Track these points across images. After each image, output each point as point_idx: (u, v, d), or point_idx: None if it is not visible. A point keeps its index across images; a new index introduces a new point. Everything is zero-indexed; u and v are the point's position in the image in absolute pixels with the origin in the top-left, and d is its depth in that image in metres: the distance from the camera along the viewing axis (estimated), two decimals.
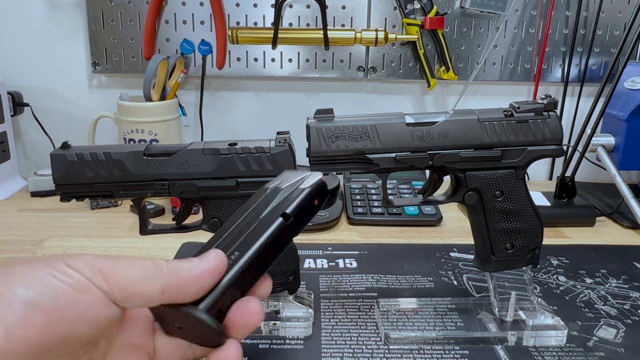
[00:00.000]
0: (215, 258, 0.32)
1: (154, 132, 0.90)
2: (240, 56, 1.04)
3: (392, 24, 1.02)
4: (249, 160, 0.52)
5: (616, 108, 0.92)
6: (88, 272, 0.28)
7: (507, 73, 1.06)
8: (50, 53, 1.04)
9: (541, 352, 0.53)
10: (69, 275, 0.28)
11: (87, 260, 0.29)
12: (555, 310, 0.61)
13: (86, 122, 0.95)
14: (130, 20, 1.01)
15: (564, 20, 1.03)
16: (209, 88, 1.08)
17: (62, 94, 1.07)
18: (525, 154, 0.53)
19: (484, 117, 0.53)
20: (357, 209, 0.87)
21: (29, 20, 1.03)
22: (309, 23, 1.02)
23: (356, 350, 0.53)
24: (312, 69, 1.05)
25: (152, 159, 0.52)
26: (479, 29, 1.03)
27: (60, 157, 0.52)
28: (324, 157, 0.52)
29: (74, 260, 0.29)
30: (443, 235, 0.82)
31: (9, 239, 0.78)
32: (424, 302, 0.61)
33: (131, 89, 1.03)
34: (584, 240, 0.81)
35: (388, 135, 0.52)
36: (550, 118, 0.53)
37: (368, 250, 0.76)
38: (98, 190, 0.53)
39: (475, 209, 0.55)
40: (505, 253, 0.55)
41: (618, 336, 0.56)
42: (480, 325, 0.57)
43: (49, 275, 0.27)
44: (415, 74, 1.05)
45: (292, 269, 0.56)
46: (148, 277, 0.30)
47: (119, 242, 0.78)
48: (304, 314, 0.57)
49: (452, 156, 0.53)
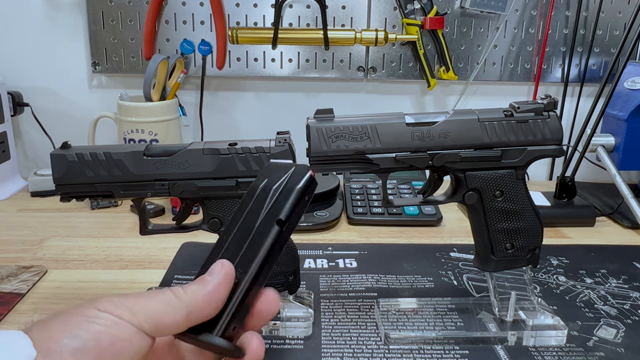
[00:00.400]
0: (222, 268, 0.34)
1: (154, 132, 0.90)
2: (240, 56, 1.04)
3: (392, 24, 1.02)
4: (249, 160, 0.52)
5: (616, 108, 0.92)
6: (118, 312, 0.31)
7: (507, 73, 1.06)
8: (50, 53, 1.04)
9: (541, 352, 0.53)
10: (103, 318, 0.31)
11: (114, 302, 0.32)
12: (555, 310, 0.61)
13: (86, 122, 0.95)
14: (130, 20, 1.01)
15: (564, 20, 1.03)
16: (209, 88, 1.08)
17: (62, 94, 1.07)
18: (525, 154, 0.53)
19: (484, 117, 0.53)
20: (357, 209, 0.87)
21: (29, 20, 1.03)
22: (309, 23, 1.02)
23: (356, 350, 0.53)
24: (312, 69, 1.05)
25: (152, 159, 0.52)
26: (479, 29, 1.03)
27: (60, 157, 0.52)
28: (324, 157, 0.52)
29: (102, 304, 0.31)
30: (443, 235, 0.82)
31: (9, 239, 0.78)
32: (424, 302, 0.61)
33: (131, 89, 1.03)
34: (584, 240, 0.81)
35: (388, 135, 0.52)
36: (550, 118, 0.53)
37: (368, 250, 0.76)
38: (98, 190, 0.53)
39: (475, 209, 0.55)
40: (505, 253, 0.55)
41: (618, 336, 0.56)
42: (480, 325, 0.57)
43: (87, 322, 0.30)
44: (415, 74, 1.05)
45: (292, 269, 0.56)
46: (171, 307, 0.33)
47: (119, 242, 0.78)
48: (304, 314, 0.57)
49: (452, 156, 0.53)
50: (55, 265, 0.70)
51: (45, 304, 0.61)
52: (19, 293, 0.62)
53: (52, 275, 0.68)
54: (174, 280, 0.67)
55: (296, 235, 0.76)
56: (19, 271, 0.68)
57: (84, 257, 0.73)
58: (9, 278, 0.66)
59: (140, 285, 0.65)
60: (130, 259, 0.73)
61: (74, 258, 0.73)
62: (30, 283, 0.65)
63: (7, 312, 0.59)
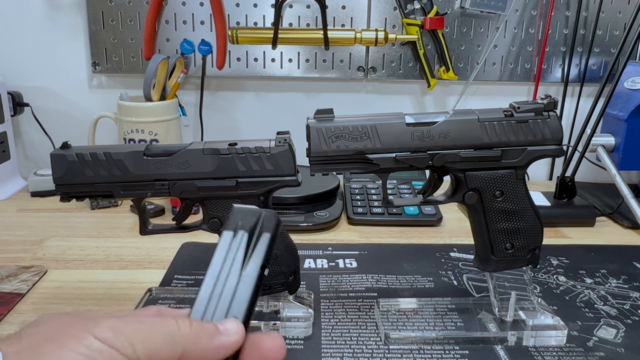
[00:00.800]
0: (237, 333, 0.33)
1: (154, 132, 0.90)
2: (240, 56, 1.04)
3: (392, 24, 1.02)
4: (249, 160, 0.52)
5: (616, 108, 0.92)
6: (116, 342, 0.30)
7: (507, 73, 1.06)
8: (50, 53, 1.04)
9: (541, 352, 0.53)
10: (99, 350, 0.29)
11: (114, 328, 0.30)
12: (555, 310, 0.61)
13: (86, 122, 0.95)
14: (130, 20, 1.01)
15: (564, 20, 1.03)
16: (209, 88, 1.08)
17: (62, 94, 1.07)
18: (525, 154, 0.53)
19: (484, 117, 0.53)
20: (357, 209, 0.87)
21: (29, 20, 1.03)
22: (309, 23, 1.02)
23: (356, 351, 0.53)
24: (312, 69, 1.05)
25: (152, 159, 0.52)
26: (479, 29, 1.03)
27: (60, 157, 0.52)
28: (324, 157, 0.52)
29: (101, 330, 0.30)
30: (443, 235, 0.82)
31: (9, 239, 0.78)
32: (424, 302, 0.61)
33: (131, 89, 1.03)
34: (584, 240, 0.81)
35: (388, 135, 0.52)
36: (550, 118, 0.53)
37: (368, 250, 0.76)
38: (98, 190, 0.53)
39: (475, 209, 0.55)
40: (505, 253, 0.55)
41: (618, 336, 0.56)
42: (480, 325, 0.57)
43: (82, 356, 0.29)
44: (415, 74, 1.05)
45: (292, 269, 0.56)
46: (170, 340, 0.31)
47: (119, 242, 0.78)
48: (304, 314, 0.57)
49: (452, 156, 0.53)
50: (55, 265, 0.70)
51: (45, 304, 0.61)
52: (18, 293, 0.62)
53: (52, 275, 0.68)
54: (174, 281, 0.67)
55: (296, 235, 0.76)
56: (19, 271, 0.67)
57: (84, 257, 0.73)
58: (9, 278, 0.66)
59: (140, 285, 0.65)
60: (130, 259, 0.73)
61: (74, 258, 0.73)
62: (30, 283, 0.65)
63: (7, 312, 0.59)
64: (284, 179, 0.53)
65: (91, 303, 0.62)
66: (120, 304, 0.61)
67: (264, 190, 0.53)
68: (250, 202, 0.53)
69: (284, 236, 0.55)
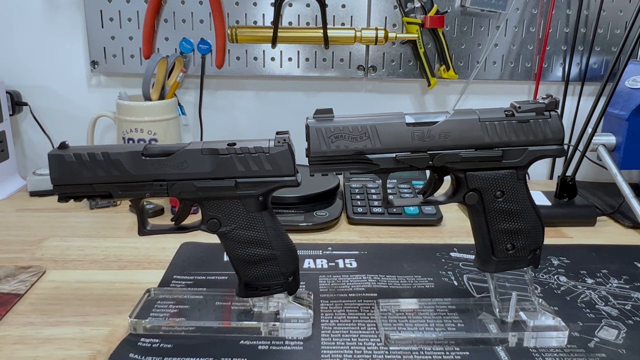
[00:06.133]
0: None
1: (153, 132, 0.90)
2: (239, 55, 1.04)
3: (392, 22, 1.02)
4: (247, 160, 0.52)
5: (617, 107, 0.92)
6: None
7: (508, 72, 1.05)
8: (49, 52, 1.04)
9: (542, 353, 0.53)
10: None
11: None
12: (556, 310, 0.61)
13: (85, 121, 0.95)
14: (129, 19, 1.01)
15: (565, 19, 1.03)
16: (209, 87, 1.07)
17: (61, 93, 1.07)
18: (526, 154, 0.53)
19: (484, 117, 0.52)
20: (357, 209, 0.87)
21: (28, 20, 1.02)
22: (309, 22, 1.02)
23: (356, 352, 0.53)
24: (311, 68, 1.05)
25: (151, 159, 0.52)
26: (480, 28, 1.03)
27: (58, 157, 0.52)
28: (324, 157, 0.52)
29: None
30: (443, 235, 0.82)
31: (8, 239, 0.78)
32: (424, 302, 0.60)
33: (130, 88, 1.02)
34: (585, 240, 0.81)
35: (388, 135, 0.52)
36: (551, 118, 0.52)
37: (368, 250, 0.76)
38: (96, 190, 0.53)
39: (475, 209, 0.55)
40: (506, 253, 0.55)
41: (619, 337, 0.56)
42: (480, 326, 0.56)
43: None
44: (415, 73, 1.05)
45: (292, 270, 0.56)
46: None
47: (118, 242, 0.77)
48: (303, 315, 0.56)
49: (452, 156, 0.52)
50: (53, 266, 0.70)
51: (43, 305, 0.61)
52: (17, 294, 0.62)
53: (51, 276, 0.67)
54: (173, 281, 0.66)
55: (296, 235, 0.76)
56: (17, 271, 0.67)
57: (82, 257, 0.73)
58: (7, 278, 0.65)
59: (139, 285, 0.64)
60: (129, 259, 0.73)
61: (73, 258, 0.72)
62: (28, 283, 0.64)
63: (5, 312, 0.58)
64: (283, 179, 0.53)
65: (90, 304, 0.61)
66: (119, 305, 0.61)
67: (263, 191, 0.53)
68: (249, 202, 0.53)
69: (284, 236, 0.55)
